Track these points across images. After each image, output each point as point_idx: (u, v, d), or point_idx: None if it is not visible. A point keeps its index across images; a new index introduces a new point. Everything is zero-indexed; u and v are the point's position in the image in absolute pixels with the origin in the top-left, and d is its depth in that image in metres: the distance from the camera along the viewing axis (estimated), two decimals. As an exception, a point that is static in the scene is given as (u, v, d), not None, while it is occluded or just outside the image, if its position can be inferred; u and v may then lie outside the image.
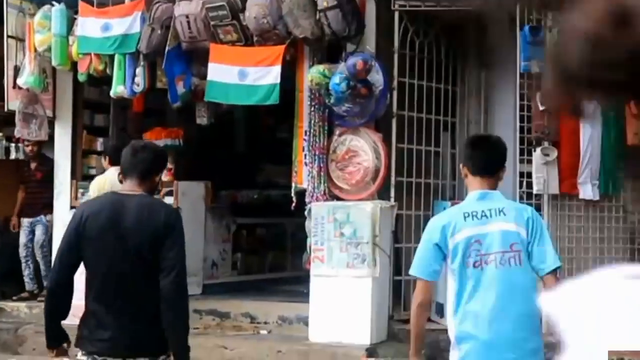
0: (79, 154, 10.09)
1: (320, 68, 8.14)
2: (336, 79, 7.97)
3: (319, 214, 8.24)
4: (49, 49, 9.37)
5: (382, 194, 8.45)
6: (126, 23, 8.91)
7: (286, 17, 8.17)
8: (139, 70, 8.95)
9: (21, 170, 10.62)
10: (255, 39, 8.37)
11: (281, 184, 10.39)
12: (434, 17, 8.85)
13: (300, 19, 8.10)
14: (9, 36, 9.70)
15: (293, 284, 10.09)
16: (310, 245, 8.34)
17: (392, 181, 8.45)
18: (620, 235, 8.49)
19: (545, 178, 8.14)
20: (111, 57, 9.05)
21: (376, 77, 8.21)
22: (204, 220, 9.96)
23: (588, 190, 8.32)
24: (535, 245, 4.02)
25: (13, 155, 11.14)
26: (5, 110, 9.93)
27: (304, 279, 8.69)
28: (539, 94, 8.14)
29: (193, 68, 8.92)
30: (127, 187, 4.19)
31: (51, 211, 10.09)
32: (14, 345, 9.12)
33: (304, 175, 8.50)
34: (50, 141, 10.17)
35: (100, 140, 10.38)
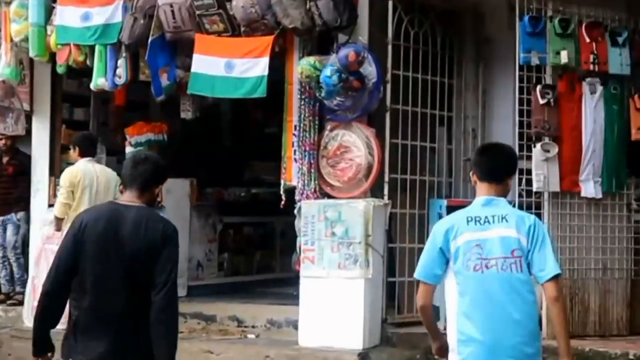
0: (58, 150, 10.01)
1: (311, 60, 8.09)
2: (327, 72, 7.94)
3: (309, 213, 8.21)
4: (26, 39, 9.35)
5: (375, 191, 8.41)
6: (107, 12, 8.88)
7: (275, 7, 8.15)
8: (120, 62, 8.92)
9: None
10: (242, 29, 8.34)
11: (270, 181, 10.39)
12: (430, 7, 8.84)
13: (289, 9, 8.07)
14: (-17, 26, 9.65)
15: (282, 285, 10.11)
16: (300, 246, 8.31)
17: (386, 178, 8.40)
18: (624, 235, 8.44)
19: (546, 175, 8.10)
20: (91, 48, 9.01)
21: (369, 69, 8.16)
22: (189, 218, 9.94)
23: (590, 187, 8.28)
24: (536, 253, 4.21)
25: (-13, 150, 11.04)
26: (-20, 103, 9.87)
27: (294, 281, 8.67)
28: (539, 87, 8.11)
29: (177, 59, 8.87)
30: (127, 198, 4.39)
31: (23, 208, 9.98)
32: (-12, 350, 9.05)
33: (293, 172, 8.48)
34: (27, 136, 10.11)
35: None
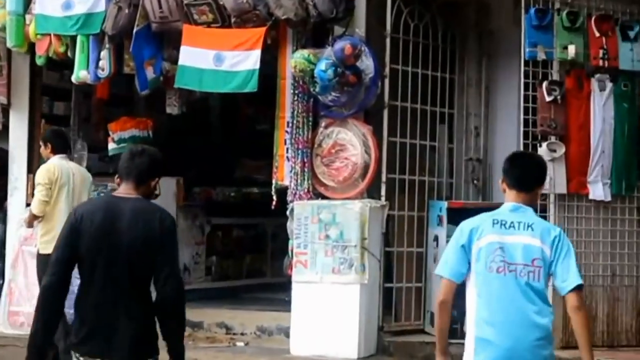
0: (37, 146, 9.92)
1: (305, 53, 8.08)
2: (322, 65, 7.94)
3: (302, 214, 8.20)
4: (3, 29, 9.36)
5: (372, 192, 8.40)
6: (90, 1, 8.88)
7: (267, -4, 8.14)
8: (103, 54, 8.91)
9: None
10: (233, 20, 8.34)
11: (261, 181, 10.41)
12: (431, -3, 8.85)
13: (283, -2, 8.02)
14: (-42, 14, 9.60)
15: (273, 291, 10.14)
16: (292, 249, 8.32)
17: (383, 178, 8.39)
18: (634, 240, 8.47)
19: (552, 176, 8.09)
20: (73, 39, 8.99)
21: (366, 64, 8.17)
22: (174, 220, 9.82)
23: (599, 189, 8.32)
24: (559, 264, 4.44)
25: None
26: (-46, 96, 9.83)
27: (285, 286, 8.66)
28: (545, 84, 8.09)
29: (164, 51, 8.86)
30: (123, 191, 4.58)
31: (-1, 207, 9.91)
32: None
33: (285, 171, 8.48)
34: (4, 131, 10.09)
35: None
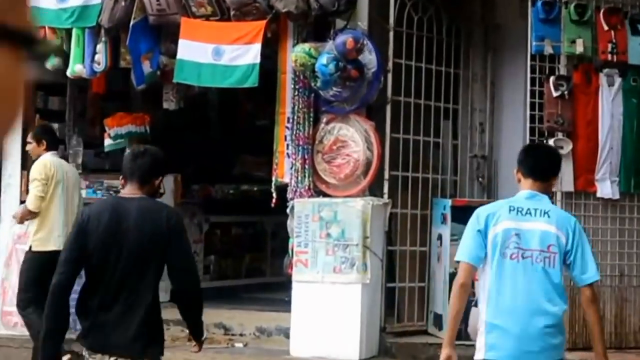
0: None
1: (306, 47, 8.08)
2: (323, 60, 7.95)
3: (303, 212, 8.20)
4: None
5: (374, 189, 8.40)
6: None
7: (267, -11, 8.15)
8: (99, 47, 8.92)
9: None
10: (232, 13, 8.35)
11: (260, 178, 10.34)
12: (435, -10, 8.82)
13: (283, -9, 8.02)
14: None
15: (273, 291, 10.14)
16: (293, 248, 8.32)
17: (386, 175, 8.40)
18: (643, 239, 8.52)
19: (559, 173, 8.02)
20: (68, 32, 9.00)
21: (368, 58, 8.18)
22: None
23: (607, 187, 8.30)
24: (579, 256, 4.65)
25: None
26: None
27: (285, 286, 8.67)
28: (552, 79, 8.07)
29: (161, 45, 8.89)
30: (128, 191, 4.84)
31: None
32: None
33: (285, 168, 8.50)
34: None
35: (56, 126, 10.18)
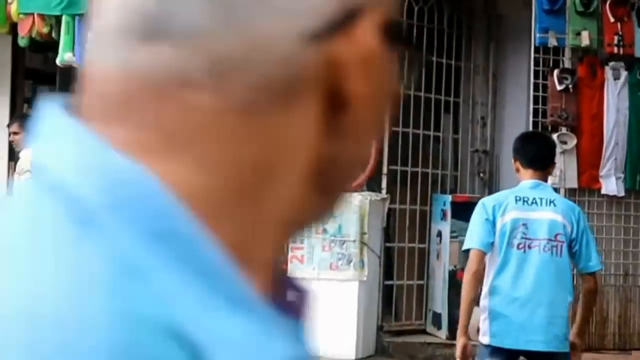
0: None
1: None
2: None
3: None
4: None
5: (372, 184, 8.38)
6: None
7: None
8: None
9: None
10: None
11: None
12: (437, -20, 8.84)
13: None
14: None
15: None
16: (288, 244, 8.18)
17: (384, 170, 8.40)
18: (648, 238, 8.53)
19: (562, 169, 8.08)
20: (58, 19, 8.94)
21: None
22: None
23: (612, 184, 8.31)
24: (584, 244, 4.77)
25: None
26: None
27: None
28: (556, 72, 8.07)
29: None
30: None
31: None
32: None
33: None
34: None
35: (44, 116, 10.18)
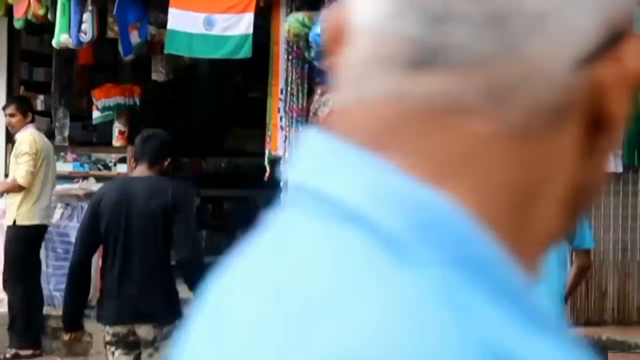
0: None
1: (299, 16, 8.03)
2: (318, 29, 7.87)
3: None
4: None
5: (370, 163, 8.32)
6: None
7: (260, -45, 8.08)
8: (86, 16, 8.83)
9: None
10: None
11: (253, 151, 10.30)
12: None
13: (276, -42, 8.01)
14: None
15: None
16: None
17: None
18: (646, 214, 8.55)
19: (560, 147, 8.07)
20: (53, 0, 8.88)
21: None
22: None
23: (610, 161, 8.19)
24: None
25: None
26: None
27: None
28: None
29: (150, 14, 8.83)
30: (138, 172, 5.30)
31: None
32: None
33: (279, 141, 8.45)
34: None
35: (41, 98, 10.22)
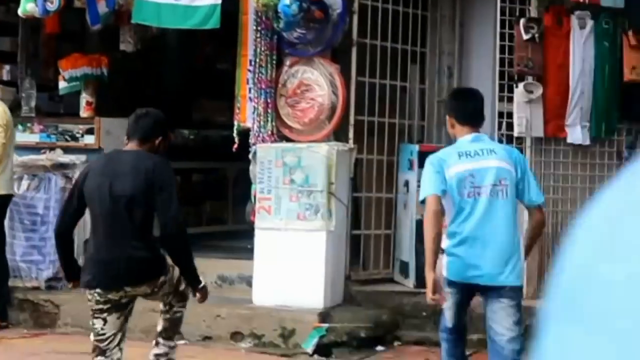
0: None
1: (269, -14, 7.97)
2: (286, 0, 7.83)
3: (266, 158, 8.20)
4: None
5: (340, 135, 8.42)
6: None
7: None
8: (53, -15, 8.69)
9: None
10: None
11: (221, 123, 10.31)
12: None
13: None
14: None
15: (235, 238, 10.03)
16: (255, 194, 8.30)
17: (351, 120, 8.41)
18: (612, 186, 8.48)
19: (528, 119, 8.15)
20: (19, -31, 8.77)
21: None
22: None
23: (577, 133, 8.32)
24: (526, 182, 5.39)
25: None
26: None
27: (248, 233, 8.64)
28: (522, 21, 8.09)
29: None
30: (128, 148, 5.58)
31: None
32: None
33: (248, 113, 8.46)
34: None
35: (7, 67, 10.12)
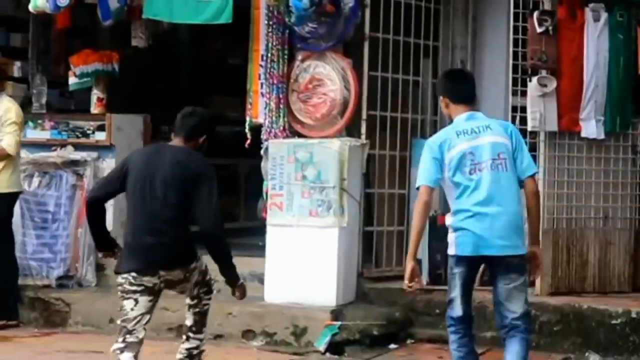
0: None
1: (280, -19, 8.00)
2: None
3: (278, 154, 8.21)
4: None
5: (352, 130, 8.41)
6: None
7: None
8: (63, -20, 8.73)
9: None
10: None
11: (233, 119, 10.31)
12: None
13: None
14: None
15: (247, 235, 9.99)
16: (267, 191, 8.30)
17: (364, 115, 8.40)
18: (628, 181, 8.47)
19: (542, 113, 8.09)
20: (30, -36, 8.80)
21: None
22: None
23: (591, 127, 8.28)
24: (519, 153, 5.60)
25: None
26: None
27: (260, 230, 8.66)
28: (536, 14, 8.06)
29: None
30: (173, 142, 5.77)
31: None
32: None
33: (260, 108, 8.44)
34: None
35: (18, 64, 10.15)
